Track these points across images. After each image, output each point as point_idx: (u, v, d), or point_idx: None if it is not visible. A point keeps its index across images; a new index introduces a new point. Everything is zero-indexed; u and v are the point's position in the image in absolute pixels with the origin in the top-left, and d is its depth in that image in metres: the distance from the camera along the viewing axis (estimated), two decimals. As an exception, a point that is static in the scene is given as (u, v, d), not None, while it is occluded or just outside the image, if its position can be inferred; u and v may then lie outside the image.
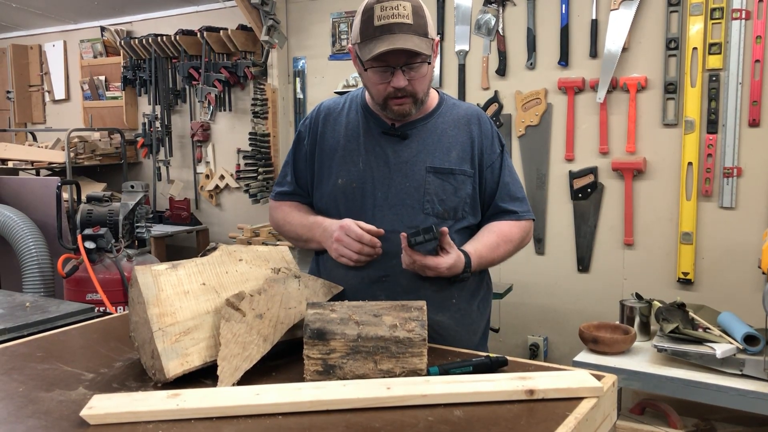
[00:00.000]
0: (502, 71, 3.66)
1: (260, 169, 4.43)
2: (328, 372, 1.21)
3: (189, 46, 4.72)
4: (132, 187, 3.43)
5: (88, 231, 3.18)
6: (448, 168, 1.63)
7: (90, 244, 3.12)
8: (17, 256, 3.64)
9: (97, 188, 5.00)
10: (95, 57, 5.54)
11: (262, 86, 4.44)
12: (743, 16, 3.02)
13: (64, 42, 5.72)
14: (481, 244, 1.65)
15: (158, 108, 5.02)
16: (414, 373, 1.21)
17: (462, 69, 3.80)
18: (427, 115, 1.68)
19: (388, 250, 1.58)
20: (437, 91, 1.75)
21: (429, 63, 1.56)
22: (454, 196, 1.63)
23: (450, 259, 1.52)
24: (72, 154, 4.73)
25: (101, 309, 2.85)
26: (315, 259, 1.78)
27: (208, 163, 4.96)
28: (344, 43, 4.23)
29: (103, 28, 5.41)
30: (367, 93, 1.69)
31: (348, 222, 1.57)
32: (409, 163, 1.63)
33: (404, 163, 1.63)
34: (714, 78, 3.11)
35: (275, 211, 1.82)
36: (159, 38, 4.81)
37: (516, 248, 1.73)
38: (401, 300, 1.56)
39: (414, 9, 1.52)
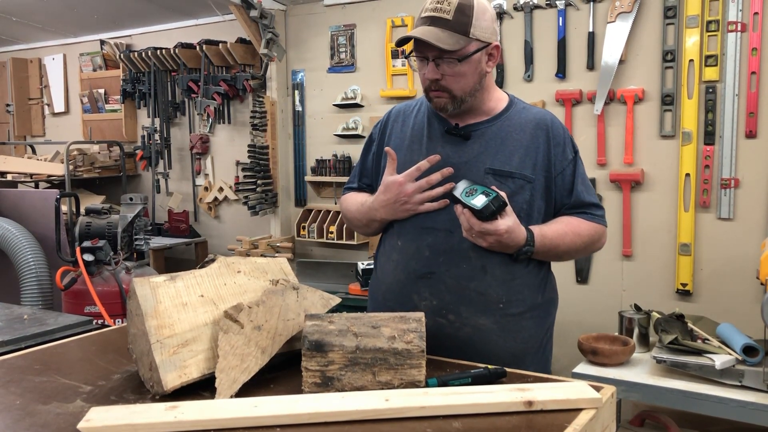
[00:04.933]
0: (499, 83, 3.68)
1: (259, 181, 4.43)
2: (326, 384, 1.20)
3: (188, 59, 4.74)
4: (131, 199, 3.43)
5: (86, 243, 3.18)
6: (507, 171, 1.60)
7: (88, 257, 3.12)
8: (16, 268, 3.64)
9: (96, 201, 5.00)
10: (95, 70, 5.57)
11: (261, 99, 4.46)
12: (739, 28, 3.04)
13: (64, 55, 5.74)
14: (545, 227, 1.63)
15: (157, 121, 5.04)
16: (412, 384, 1.21)
17: (460, 81, 3.81)
18: (492, 118, 1.66)
19: (437, 247, 1.59)
20: (508, 95, 1.73)
21: (461, 61, 1.55)
22: (510, 200, 1.56)
23: (509, 221, 1.49)
24: (71, 167, 4.74)
25: (99, 321, 2.84)
26: (375, 257, 1.81)
27: (207, 175, 4.97)
28: (342, 56, 4.25)
29: (102, 42, 5.44)
30: None
31: (384, 181, 1.63)
32: (468, 163, 1.61)
33: (464, 164, 1.61)
34: (711, 90, 3.12)
35: (341, 203, 1.87)
36: (158, 51, 4.83)
37: (585, 245, 1.70)
38: (444, 298, 1.59)
39: (460, 6, 1.53)
